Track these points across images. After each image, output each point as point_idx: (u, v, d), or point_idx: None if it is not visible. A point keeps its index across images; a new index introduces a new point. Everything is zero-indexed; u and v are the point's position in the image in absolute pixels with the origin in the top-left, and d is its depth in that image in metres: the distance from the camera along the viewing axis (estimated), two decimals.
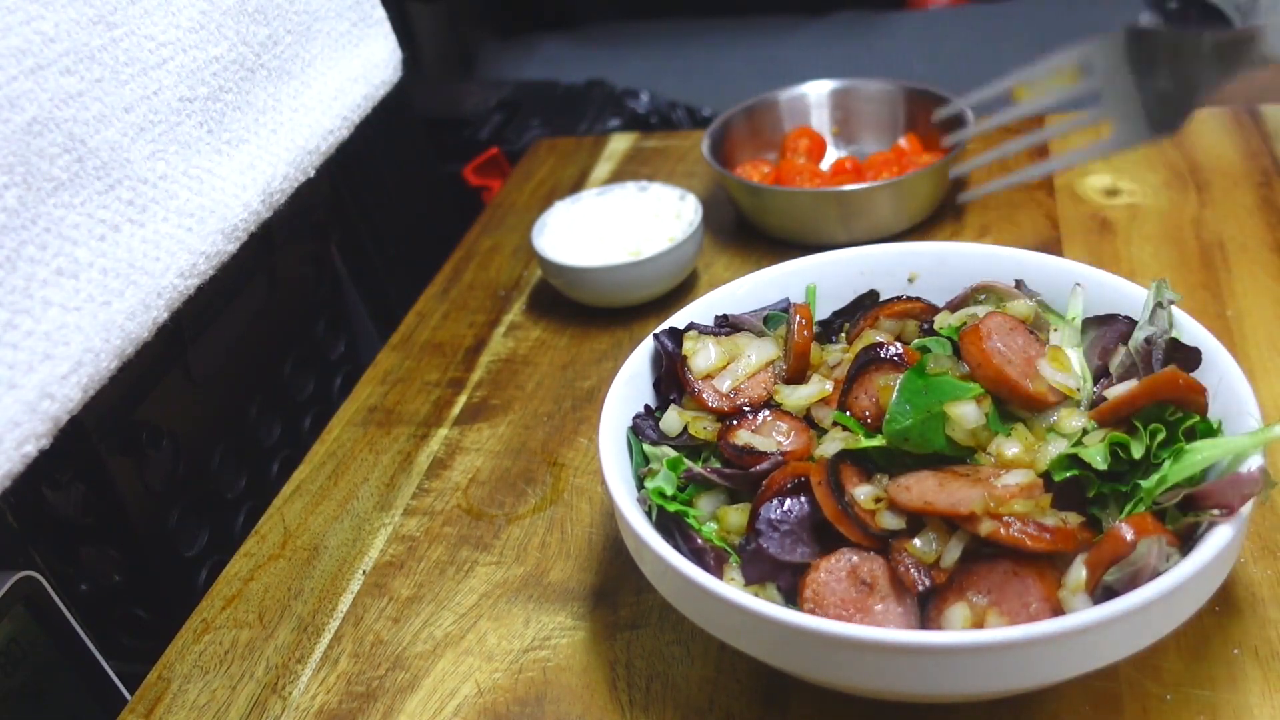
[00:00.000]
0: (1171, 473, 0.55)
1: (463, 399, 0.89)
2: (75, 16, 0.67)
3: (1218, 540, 0.51)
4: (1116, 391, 0.58)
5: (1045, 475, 0.56)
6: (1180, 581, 0.49)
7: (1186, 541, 0.53)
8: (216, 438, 0.89)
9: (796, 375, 0.66)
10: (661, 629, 0.66)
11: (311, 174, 0.88)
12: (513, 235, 1.11)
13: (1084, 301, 0.67)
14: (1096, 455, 0.55)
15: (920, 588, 0.54)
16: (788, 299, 0.73)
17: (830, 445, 0.60)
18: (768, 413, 0.64)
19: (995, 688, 0.52)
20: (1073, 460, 0.56)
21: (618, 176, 1.18)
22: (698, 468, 0.62)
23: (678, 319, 0.71)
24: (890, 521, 0.56)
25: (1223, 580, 0.54)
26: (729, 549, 0.59)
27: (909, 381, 0.58)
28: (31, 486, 0.74)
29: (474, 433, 0.85)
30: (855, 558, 0.55)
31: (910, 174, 0.96)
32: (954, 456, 0.58)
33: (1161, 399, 0.56)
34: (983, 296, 0.68)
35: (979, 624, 0.52)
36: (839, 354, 0.67)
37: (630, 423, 0.67)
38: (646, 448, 0.65)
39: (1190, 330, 0.62)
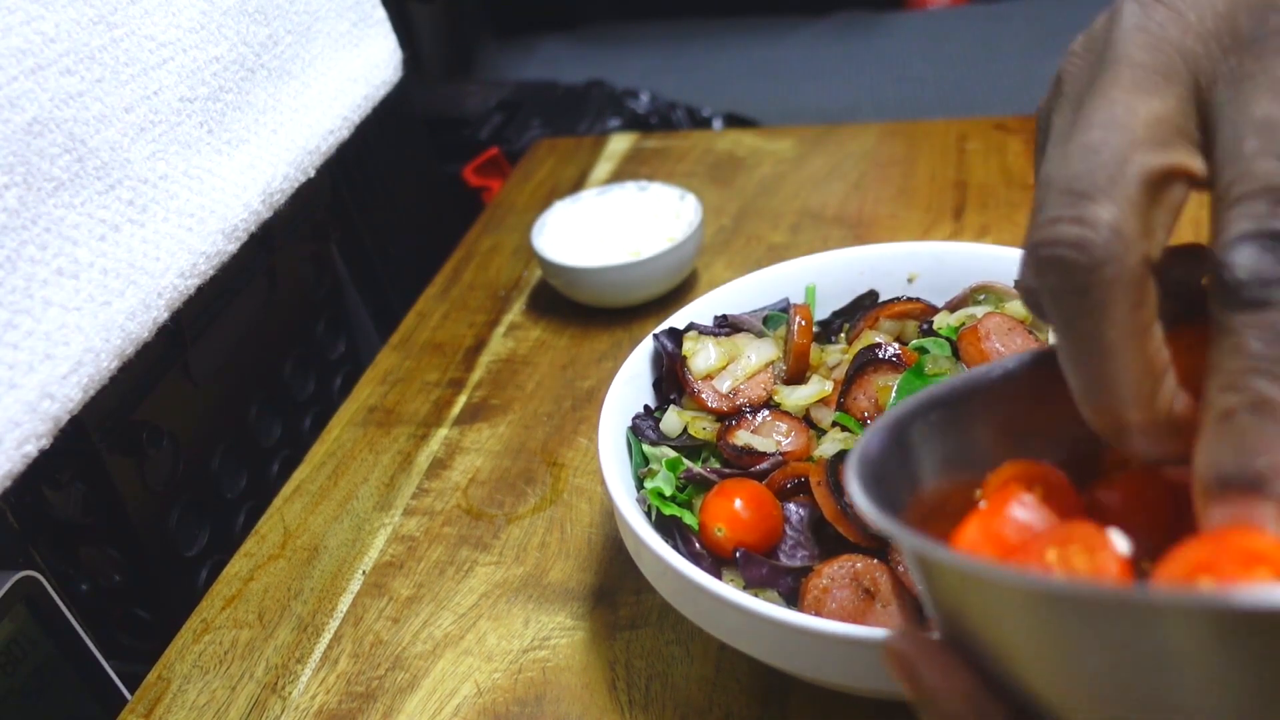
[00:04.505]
0: None
1: (462, 399, 0.89)
2: (75, 16, 0.67)
3: None
4: None
5: None
6: None
7: None
8: (216, 438, 0.89)
9: (796, 376, 0.66)
10: (661, 629, 0.66)
11: (311, 174, 0.88)
12: (513, 235, 1.11)
13: None
14: None
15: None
16: (787, 299, 0.73)
17: (830, 445, 0.60)
18: (767, 413, 0.64)
19: None
20: None
21: (618, 176, 1.18)
22: (697, 468, 0.62)
23: (677, 319, 0.71)
24: None
25: None
26: None
27: (906, 382, 0.59)
28: (31, 486, 0.74)
29: (474, 433, 0.85)
30: (859, 564, 0.55)
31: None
32: None
33: None
34: (982, 296, 0.68)
35: None
36: (838, 354, 0.67)
37: (630, 423, 0.67)
38: (646, 448, 0.65)
39: None
